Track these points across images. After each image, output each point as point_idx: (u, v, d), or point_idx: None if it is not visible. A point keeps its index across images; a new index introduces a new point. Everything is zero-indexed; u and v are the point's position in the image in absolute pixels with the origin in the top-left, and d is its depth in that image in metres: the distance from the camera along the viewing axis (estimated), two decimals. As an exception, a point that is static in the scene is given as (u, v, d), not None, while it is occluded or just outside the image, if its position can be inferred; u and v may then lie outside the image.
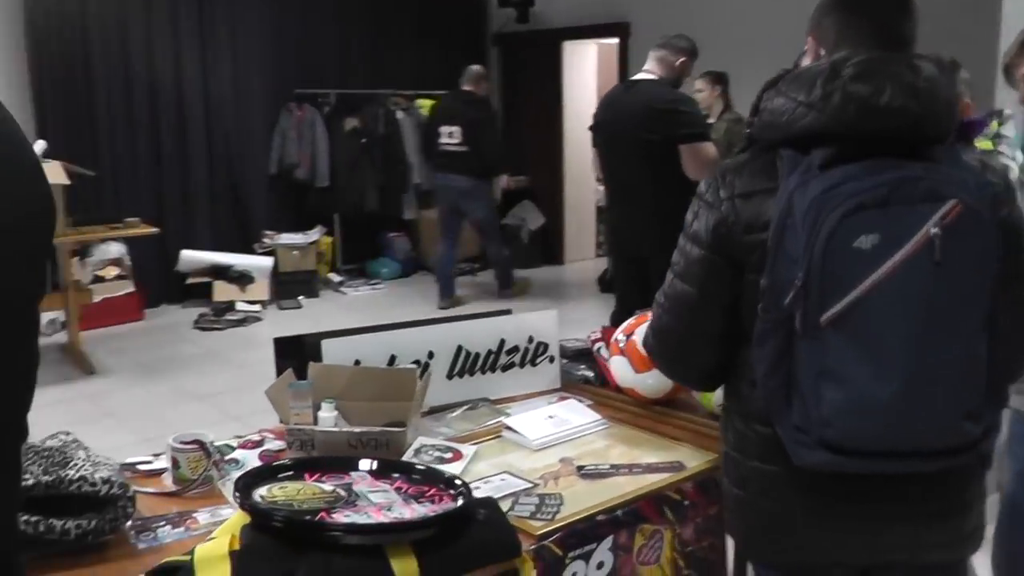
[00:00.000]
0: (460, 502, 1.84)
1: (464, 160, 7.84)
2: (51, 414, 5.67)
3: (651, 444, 2.39)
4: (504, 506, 2.00)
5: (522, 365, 2.76)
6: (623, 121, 4.59)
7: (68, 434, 2.31)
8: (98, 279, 7.51)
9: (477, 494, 2.05)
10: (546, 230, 10.25)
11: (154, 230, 6.65)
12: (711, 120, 6.39)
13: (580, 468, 2.23)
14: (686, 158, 4.41)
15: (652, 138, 4.41)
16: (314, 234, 8.76)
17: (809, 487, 1.71)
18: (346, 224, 9.35)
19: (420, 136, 9.00)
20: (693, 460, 2.27)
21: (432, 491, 1.92)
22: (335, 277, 9.12)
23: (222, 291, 8.06)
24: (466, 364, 2.68)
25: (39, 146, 6.17)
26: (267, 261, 8.34)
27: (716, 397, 2.36)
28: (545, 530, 1.91)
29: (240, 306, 7.95)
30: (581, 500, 2.05)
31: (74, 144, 7.63)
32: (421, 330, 2.64)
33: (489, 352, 2.71)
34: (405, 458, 2.24)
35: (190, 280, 8.18)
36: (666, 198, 4.31)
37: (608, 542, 2.01)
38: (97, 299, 7.27)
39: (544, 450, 2.35)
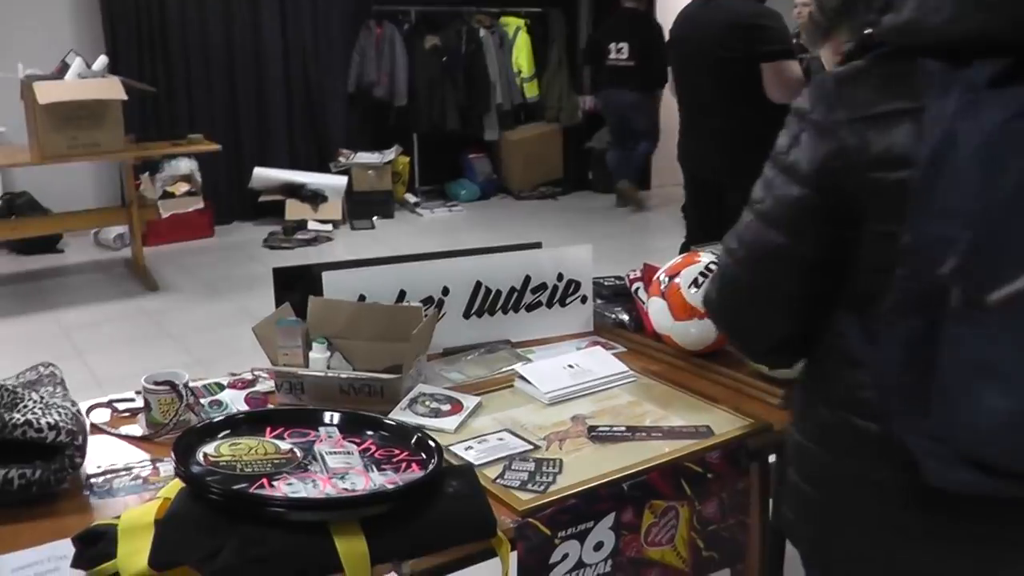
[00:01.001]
0: (428, 470, 1.58)
1: (632, 75, 8.31)
2: (110, 330, 5.61)
3: (681, 403, 2.10)
4: (493, 473, 1.75)
5: (550, 305, 2.49)
6: (700, 38, 4.23)
7: (48, 366, 2.13)
8: (167, 195, 7.38)
9: (468, 455, 1.82)
10: (632, 154, 9.87)
11: (216, 147, 6.49)
12: None
13: (592, 429, 1.96)
14: (768, 78, 4.04)
15: (731, 56, 4.05)
16: (391, 154, 8.53)
17: (923, 502, 1.32)
18: (424, 144, 9.11)
19: (585, 52, 9.21)
20: (725, 425, 1.98)
21: (401, 455, 1.67)
22: (411, 198, 8.91)
23: (294, 210, 7.90)
24: (486, 302, 2.42)
25: (100, 62, 6.03)
26: (341, 180, 8.16)
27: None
28: (532, 505, 1.65)
29: (312, 225, 7.80)
30: (583, 469, 1.79)
31: (146, 63, 7.54)
32: (435, 264, 2.38)
33: (512, 290, 2.44)
34: (400, 407, 2.00)
35: (263, 198, 8.04)
36: (745, 123, 3.98)
37: (609, 520, 1.74)
38: (165, 215, 7.16)
39: (557, 405, 2.09)
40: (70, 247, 7.45)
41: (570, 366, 2.21)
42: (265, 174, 8.02)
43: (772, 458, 2.01)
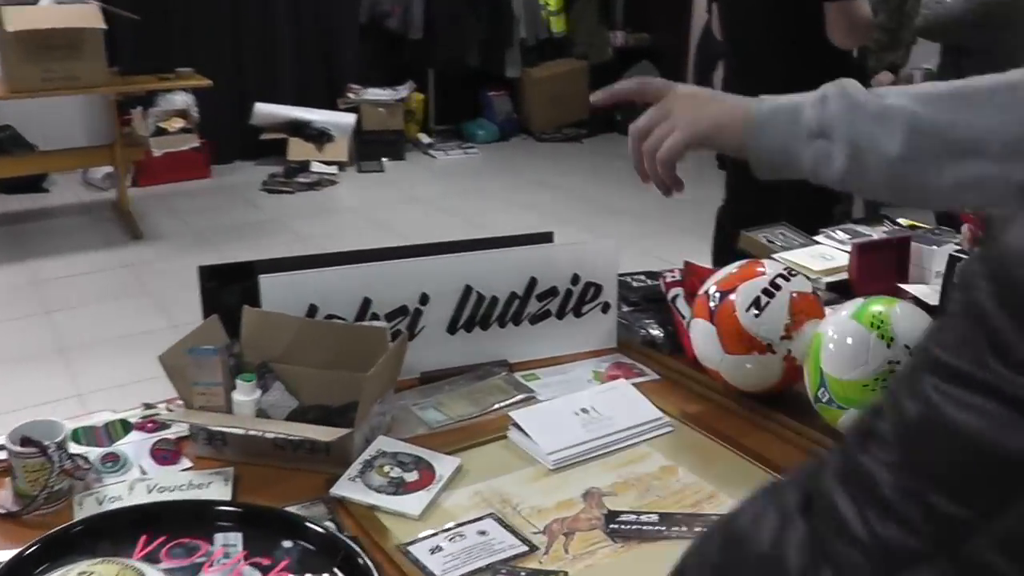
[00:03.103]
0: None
1: None
2: (85, 285, 5.09)
3: (733, 470, 1.56)
4: (467, 601, 1.21)
5: (561, 315, 1.93)
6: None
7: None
8: (161, 131, 6.82)
9: (434, 563, 1.27)
10: (665, 96, 9.20)
11: (206, 82, 5.92)
12: None
13: (611, 518, 1.41)
14: (832, 19, 3.41)
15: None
16: (403, 90, 7.92)
17: None
18: (441, 81, 8.49)
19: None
20: (794, 511, 1.43)
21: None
22: (425, 138, 8.31)
23: (297, 149, 7.34)
24: (477, 312, 1.86)
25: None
26: (349, 118, 7.57)
27: (845, 419, 1.52)
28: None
29: (315, 167, 7.24)
30: (597, 597, 1.25)
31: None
32: (410, 264, 1.81)
33: (513, 296, 1.88)
34: (350, 476, 1.47)
35: (264, 136, 7.47)
36: (802, 71, 3.35)
37: (635, 676, 1.20)
38: (158, 153, 6.63)
39: (564, 470, 1.54)
40: (57, 186, 6.92)
41: (583, 411, 1.66)
42: (267, 110, 7.44)
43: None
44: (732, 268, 1.73)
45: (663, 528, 1.39)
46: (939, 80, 1.39)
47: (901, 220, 2.65)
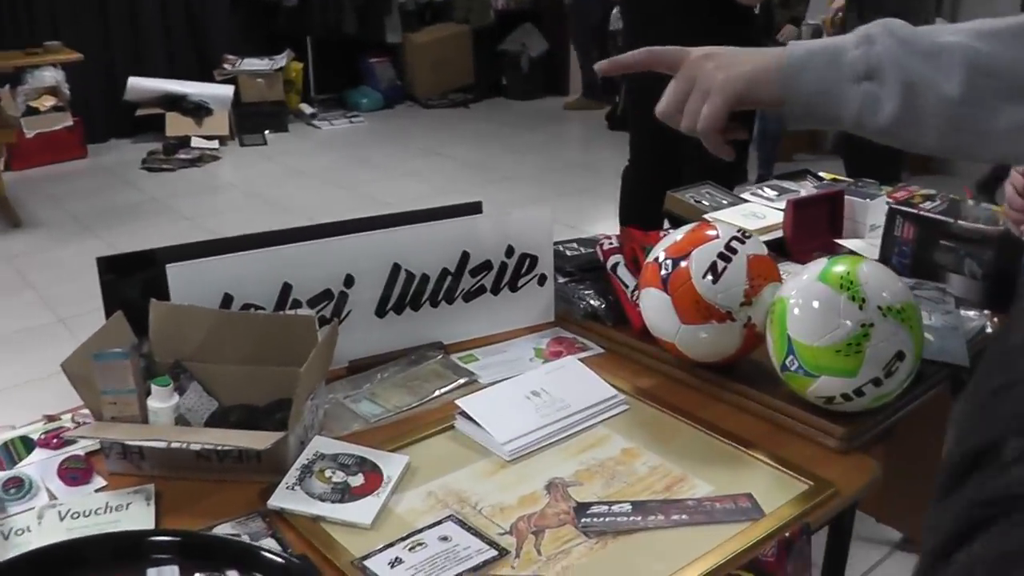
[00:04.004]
0: None
1: None
2: (-38, 281, 4.77)
3: (699, 448, 1.45)
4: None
5: (496, 291, 1.80)
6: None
7: None
8: (32, 111, 6.47)
9: (395, 575, 1.14)
10: (550, 56, 9.07)
11: (77, 55, 5.61)
12: None
13: (581, 511, 1.29)
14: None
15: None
16: (281, 59, 7.66)
17: None
18: (320, 48, 8.22)
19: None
20: (773, 491, 1.34)
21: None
22: (307, 109, 8.06)
23: (175, 124, 7.04)
24: (407, 292, 1.72)
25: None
26: (227, 90, 7.29)
27: (816, 388, 1.42)
28: None
29: (196, 142, 6.95)
30: (582, 604, 1.13)
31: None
32: (333, 243, 1.65)
33: (444, 273, 1.74)
34: (287, 485, 1.32)
35: (140, 112, 7.14)
36: (706, 23, 3.27)
37: None
38: (30, 134, 6.30)
39: (522, 460, 1.42)
40: (-80, 174, 6.51)
41: (534, 393, 1.53)
42: (141, 84, 7.12)
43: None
44: (679, 233, 1.62)
45: (638, 518, 1.27)
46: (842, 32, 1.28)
47: (823, 174, 2.59)
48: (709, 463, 1.41)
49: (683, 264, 1.53)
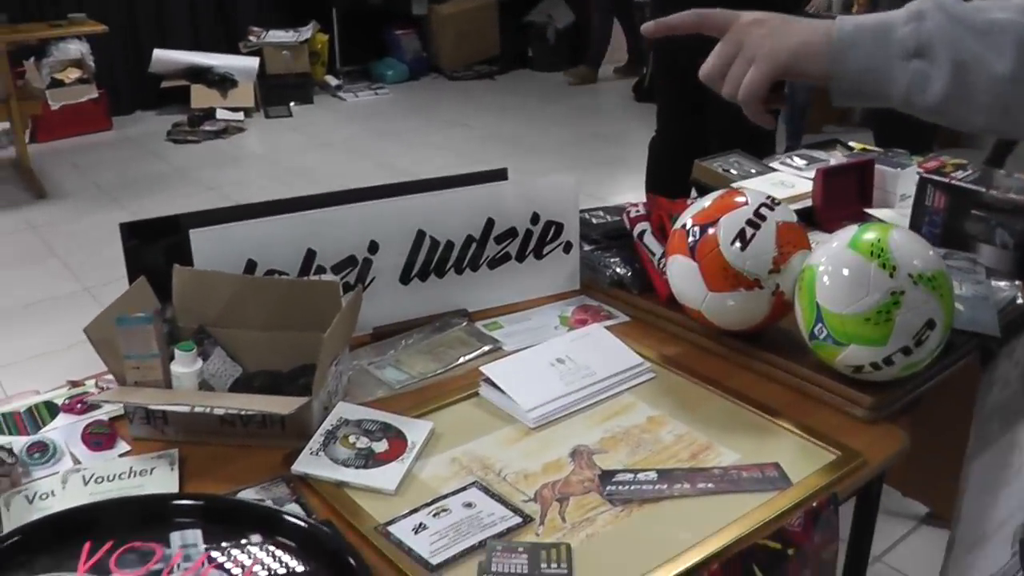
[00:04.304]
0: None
1: None
2: (-9, 249, 4.80)
3: (725, 417, 1.44)
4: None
5: (521, 258, 1.79)
6: None
7: None
8: (57, 83, 6.48)
9: (420, 544, 1.13)
10: (576, 28, 8.99)
11: (101, 27, 5.59)
12: None
13: (606, 479, 1.28)
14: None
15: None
16: (307, 31, 7.63)
17: None
18: (345, 20, 8.17)
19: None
20: (800, 461, 1.33)
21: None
22: (332, 81, 8.04)
23: (201, 96, 7.04)
24: (432, 259, 1.71)
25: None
26: (252, 62, 7.28)
27: (845, 357, 1.40)
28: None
29: (221, 114, 6.95)
30: (605, 562, 1.12)
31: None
32: (357, 209, 1.64)
33: (469, 240, 1.73)
34: (311, 451, 1.31)
35: (165, 84, 7.15)
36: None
37: (654, 656, 1.08)
38: (55, 106, 6.31)
39: (546, 428, 1.41)
40: (-52, 146, 6.55)
41: (559, 361, 1.52)
42: (166, 56, 7.11)
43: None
44: (706, 200, 1.60)
45: (664, 487, 1.26)
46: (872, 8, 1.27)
47: (853, 144, 2.56)
48: (736, 432, 1.40)
49: (711, 231, 1.51)
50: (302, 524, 1.08)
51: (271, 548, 1.05)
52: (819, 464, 1.32)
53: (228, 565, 1.02)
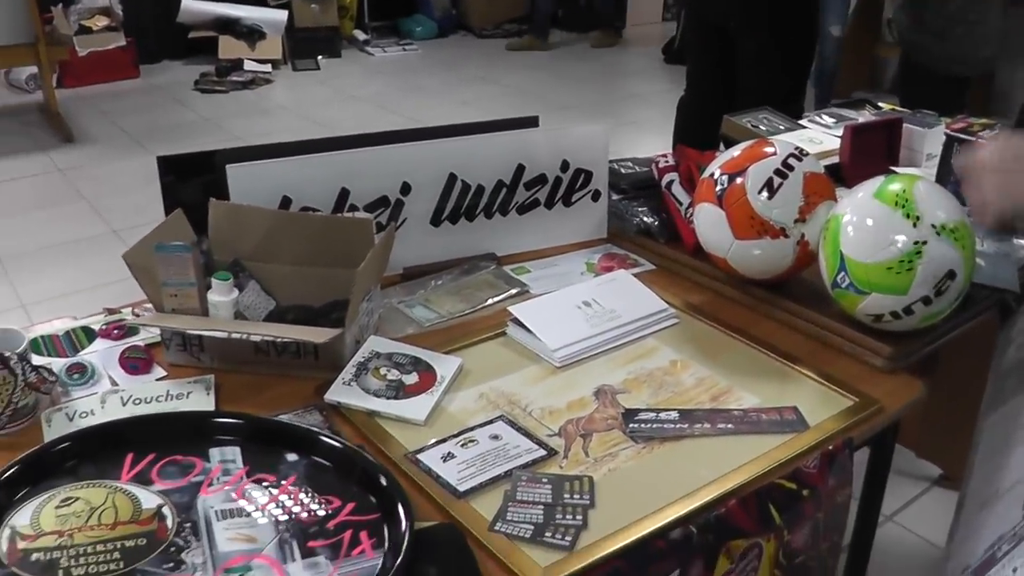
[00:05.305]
0: (382, 555, 0.93)
1: None
2: (14, 191, 4.83)
3: (746, 363, 1.47)
4: (488, 507, 1.11)
5: (550, 204, 1.82)
6: None
7: None
8: (84, 30, 6.49)
9: (448, 472, 1.17)
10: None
11: (130, -26, 5.59)
12: None
13: (629, 417, 1.31)
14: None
15: None
16: (337, -15, 7.61)
17: None
18: (375, -26, 8.16)
19: None
20: (818, 406, 1.35)
21: (342, 510, 1.02)
22: (360, 35, 8.01)
23: (228, 47, 7.03)
24: (463, 203, 1.74)
25: None
26: (281, 15, 7.26)
27: (866, 305, 1.43)
28: (559, 582, 1.02)
29: (248, 65, 6.94)
30: (626, 496, 1.16)
31: None
32: (390, 151, 1.67)
33: (500, 185, 1.76)
34: (343, 381, 1.35)
35: (193, 34, 7.15)
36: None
37: (672, 582, 1.12)
38: (83, 53, 6.32)
39: (571, 367, 1.44)
40: (-25, 89, 6.59)
41: (585, 304, 1.55)
42: (195, 7, 7.11)
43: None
44: (735, 150, 1.62)
45: (685, 426, 1.30)
46: None
47: (882, 104, 2.57)
48: (756, 377, 1.43)
49: (739, 180, 1.54)
50: (338, 445, 1.12)
51: (307, 467, 1.09)
52: (836, 409, 1.35)
53: (266, 480, 1.06)
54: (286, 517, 1.01)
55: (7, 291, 3.75)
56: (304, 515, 1.01)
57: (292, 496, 1.04)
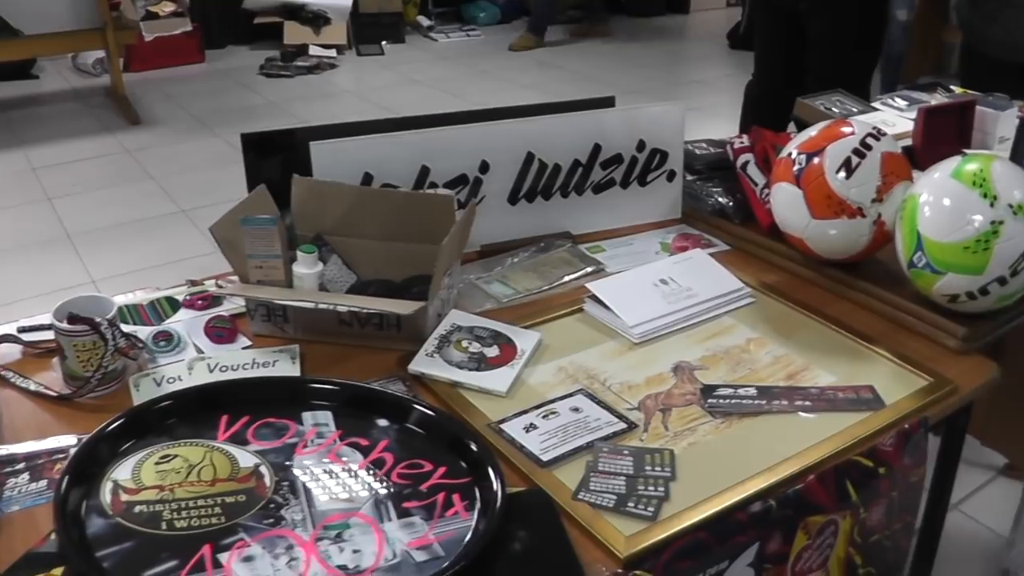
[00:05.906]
0: (475, 516, 0.96)
1: None
2: (84, 170, 4.93)
3: (822, 342, 1.48)
4: (570, 476, 1.13)
5: (625, 184, 1.83)
6: None
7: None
8: (151, 15, 6.60)
9: (530, 443, 1.19)
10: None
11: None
12: None
13: (707, 393, 1.33)
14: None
15: None
16: (401, -30, 7.66)
17: None
18: (438, -40, 8.19)
19: None
20: (894, 386, 1.36)
21: (435, 473, 1.05)
22: (424, 21, 8.06)
23: (294, 33, 7.11)
24: (539, 182, 1.76)
25: None
26: (345, 1, 7.32)
27: (942, 285, 1.43)
28: (641, 546, 1.04)
29: (313, 51, 7.02)
30: (707, 469, 1.17)
31: None
32: (470, 130, 1.70)
33: (576, 164, 1.78)
34: (426, 353, 1.38)
35: (258, 20, 7.24)
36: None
37: (750, 554, 1.13)
38: (149, 38, 6.43)
39: (649, 343, 1.46)
40: (46, 73, 6.70)
41: (663, 282, 1.57)
42: (261, -8, 7.20)
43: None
44: (813, 130, 1.62)
45: (763, 402, 1.31)
46: None
47: (954, 87, 2.55)
48: (832, 356, 1.44)
49: (817, 160, 1.54)
50: (430, 412, 1.15)
51: (398, 432, 1.12)
52: (911, 389, 1.36)
53: (360, 444, 1.09)
54: (380, 479, 1.04)
55: (78, 267, 3.84)
56: (397, 477, 1.04)
57: (385, 459, 1.07)
